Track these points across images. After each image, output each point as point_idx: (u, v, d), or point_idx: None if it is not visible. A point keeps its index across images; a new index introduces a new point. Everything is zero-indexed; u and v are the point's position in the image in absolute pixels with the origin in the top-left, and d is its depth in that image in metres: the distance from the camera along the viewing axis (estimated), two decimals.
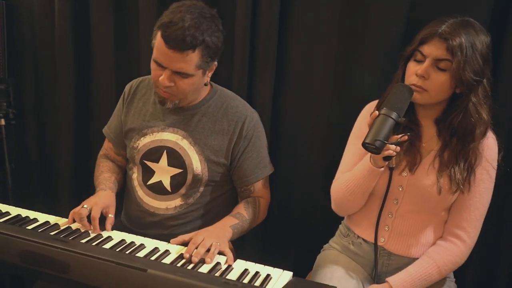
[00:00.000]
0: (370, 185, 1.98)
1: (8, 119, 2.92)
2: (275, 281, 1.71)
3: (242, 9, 2.42)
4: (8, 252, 1.77)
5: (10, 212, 2.08)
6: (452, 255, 1.97)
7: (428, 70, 1.83)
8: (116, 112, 2.44)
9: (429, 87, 1.85)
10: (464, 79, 1.78)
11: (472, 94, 1.83)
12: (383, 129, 1.73)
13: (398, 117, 1.75)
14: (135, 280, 1.61)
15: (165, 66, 2.02)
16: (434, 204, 1.97)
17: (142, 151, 2.28)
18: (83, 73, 2.95)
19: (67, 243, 1.76)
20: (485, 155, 1.92)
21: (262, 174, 2.31)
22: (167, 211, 2.29)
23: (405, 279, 1.95)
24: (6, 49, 2.91)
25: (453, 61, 1.77)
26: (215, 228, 2.08)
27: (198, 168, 2.21)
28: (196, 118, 2.23)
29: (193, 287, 1.54)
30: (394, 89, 1.84)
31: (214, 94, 2.28)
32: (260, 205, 2.31)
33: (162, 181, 2.27)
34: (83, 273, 1.68)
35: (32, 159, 3.26)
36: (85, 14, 2.85)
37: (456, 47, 1.76)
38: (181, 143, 2.22)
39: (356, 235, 2.14)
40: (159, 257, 1.84)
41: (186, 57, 1.98)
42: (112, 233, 2.02)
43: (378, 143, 1.71)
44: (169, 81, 2.03)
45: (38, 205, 2.71)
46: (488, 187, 1.95)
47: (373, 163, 1.90)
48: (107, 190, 2.23)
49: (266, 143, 2.34)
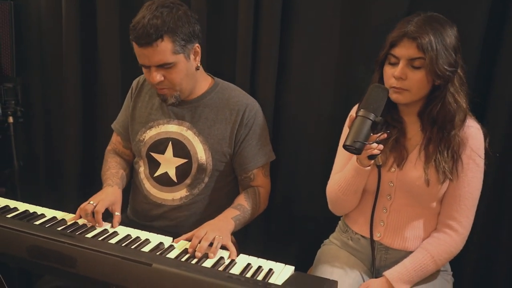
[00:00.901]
0: (360, 184, 1.99)
1: (16, 117, 2.93)
2: (277, 275, 1.71)
3: (245, 7, 2.43)
4: (16, 246, 1.77)
5: (18, 208, 2.09)
6: (446, 245, 1.97)
7: (404, 70, 1.84)
8: (124, 107, 2.46)
9: (408, 86, 1.86)
10: (440, 72, 1.80)
11: (449, 84, 1.85)
12: (362, 130, 1.75)
13: (375, 117, 1.77)
14: (140, 274, 1.60)
15: (147, 65, 2.08)
16: (425, 196, 1.97)
17: (148, 144, 2.30)
18: (89, 72, 2.96)
19: (74, 238, 1.75)
20: (470, 144, 1.92)
21: (261, 161, 2.31)
22: (173, 202, 2.30)
23: (401, 271, 1.96)
24: (14, 49, 2.91)
25: (425, 57, 1.79)
26: (218, 221, 2.08)
27: (203, 157, 2.24)
28: (199, 109, 2.26)
29: (197, 281, 1.54)
30: (369, 91, 1.85)
31: (216, 87, 2.31)
32: (260, 195, 2.31)
33: (168, 172, 2.29)
34: (89, 268, 1.67)
35: (39, 156, 3.26)
36: (92, 14, 2.85)
37: (425, 44, 1.78)
38: (186, 134, 2.25)
39: (354, 231, 2.15)
40: (164, 252, 1.84)
41: (157, 48, 2.02)
42: (118, 228, 2.03)
43: (357, 144, 1.74)
44: (158, 77, 2.08)
45: (45, 201, 2.71)
46: (476, 176, 1.95)
47: (359, 163, 1.92)
48: (114, 186, 2.22)
49: (267, 132, 2.35)
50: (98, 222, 2.01)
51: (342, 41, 2.37)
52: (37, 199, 2.31)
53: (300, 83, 2.49)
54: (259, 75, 2.51)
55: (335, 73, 2.41)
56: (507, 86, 2.15)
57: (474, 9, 2.13)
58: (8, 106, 2.90)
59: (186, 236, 1.95)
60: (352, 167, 1.96)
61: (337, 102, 2.43)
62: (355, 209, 2.13)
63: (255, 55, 2.49)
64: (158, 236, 1.96)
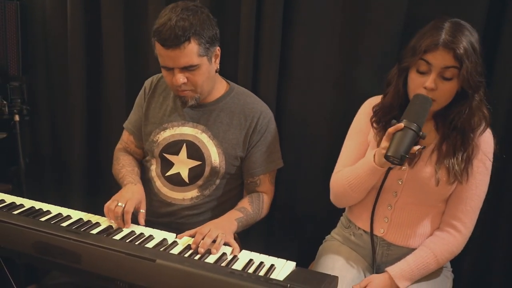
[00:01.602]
0: (372, 182, 1.98)
1: (22, 115, 2.92)
2: (279, 271, 1.71)
3: (247, 8, 2.42)
4: (22, 243, 1.77)
5: (24, 205, 2.09)
6: (448, 244, 1.97)
7: (435, 81, 1.79)
8: (136, 107, 2.45)
9: (438, 97, 1.82)
10: (472, 83, 1.77)
11: (477, 94, 1.82)
12: (405, 142, 1.72)
13: (419, 129, 1.74)
14: (144, 270, 1.61)
15: (171, 67, 2.07)
16: (432, 196, 1.97)
17: (162, 145, 2.29)
18: (94, 71, 2.95)
19: (79, 234, 1.76)
20: (482, 148, 1.92)
21: (268, 168, 2.31)
22: (184, 201, 2.30)
23: (403, 268, 1.96)
24: (20, 48, 2.91)
25: (460, 67, 1.75)
26: (221, 220, 2.08)
27: (216, 160, 2.23)
28: (215, 113, 2.26)
29: (200, 276, 1.54)
30: (414, 100, 1.82)
31: (232, 92, 2.31)
32: (264, 201, 2.31)
33: (180, 172, 2.28)
34: (94, 263, 1.68)
35: (45, 153, 3.26)
36: (96, 14, 2.85)
37: (463, 55, 1.73)
38: (200, 137, 2.24)
39: (357, 226, 2.15)
40: (167, 248, 1.84)
41: (184, 50, 2.01)
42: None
43: (401, 157, 1.71)
44: (182, 79, 2.07)
45: (51, 197, 2.71)
46: (484, 179, 1.95)
47: (378, 163, 1.87)
48: (137, 184, 2.21)
49: (278, 140, 2.36)
50: (127, 222, 1.99)
51: (342, 41, 2.37)
52: (42, 196, 2.31)
53: (301, 82, 2.49)
54: (261, 74, 2.50)
55: (336, 72, 2.41)
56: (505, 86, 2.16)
57: (473, 8, 2.12)
58: (14, 105, 2.89)
59: (190, 232, 1.95)
60: (368, 166, 1.92)
61: (338, 100, 2.42)
62: (359, 204, 2.12)
63: (257, 54, 2.49)
64: (161, 232, 1.96)
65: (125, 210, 1.99)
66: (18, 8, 2.85)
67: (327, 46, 2.39)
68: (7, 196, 2.15)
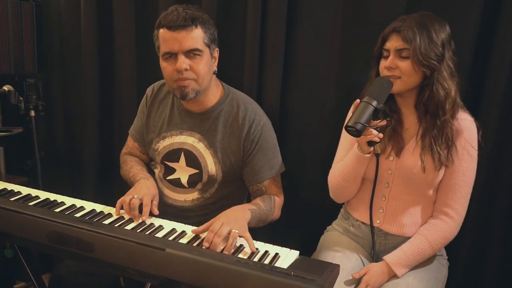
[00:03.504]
0: (360, 170, 2.01)
1: (37, 111, 2.93)
2: (283, 260, 1.71)
3: (253, 10, 2.43)
4: (37, 232, 1.77)
5: (39, 196, 2.08)
6: (442, 231, 1.99)
7: (393, 61, 1.91)
8: (139, 114, 2.41)
9: (399, 74, 1.91)
10: (425, 62, 1.85)
11: (436, 72, 1.88)
12: (364, 114, 1.78)
13: (377, 104, 1.80)
14: (154, 259, 1.60)
15: (176, 51, 2.01)
16: (422, 184, 1.98)
17: (162, 153, 2.27)
18: (106, 68, 2.96)
19: (92, 225, 1.75)
20: (464, 136, 1.93)
21: (269, 174, 2.24)
22: (185, 203, 2.28)
23: (400, 256, 1.98)
24: (36, 46, 2.92)
25: (410, 48, 1.84)
26: (234, 210, 2.00)
27: (213, 169, 2.20)
28: (210, 121, 2.20)
29: (208, 265, 1.54)
30: (375, 81, 1.91)
31: (226, 98, 2.23)
32: (275, 201, 2.24)
33: (180, 178, 2.26)
34: (106, 252, 1.67)
35: (59, 147, 3.28)
36: (109, 14, 2.86)
37: (409, 35, 1.85)
38: (197, 146, 2.21)
39: (355, 218, 2.16)
40: (177, 237, 1.84)
41: (191, 33, 1.99)
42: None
43: (359, 125, 1.76)
44: (185, 65, 2.00)
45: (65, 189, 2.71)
46: (470, 166, 1.96)
47: (360, 150, 1.94)
48: (149, 179, 2.18)
49: (276, 145, 2.29)
50: (145, 215, 1.95)
51: (343, 43, 2.38)
52: (57, 187, 2.30)
53: (304, 82, 2.50)
54: (266, 74, 2.51)
55: (337, 72, 2.42)
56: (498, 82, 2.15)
57: (469, 7, 2.13)
58: (30, 101, 2.90)
59: (202, 228, 1.87)
60: (353, 154, 1.98)
61: (339, 99, 2.42)
62: (356, 197, 2.14)
63: (262, 56, 2.50)
64: (171, 223, 1.96)
65: (144, 204, 1.97)
66: (34, 8, 2.87)
67: (329, 47, 2.41)
68: (23, 188, 2.15)
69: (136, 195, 1.98)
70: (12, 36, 2.79)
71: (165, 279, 1.61)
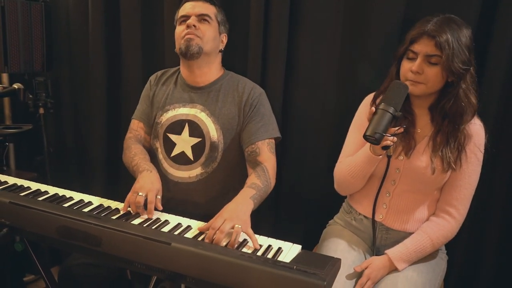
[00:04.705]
0: (370, 170, 1.99)
1: (47, 108, 2.93)
2: (285, 253, 1.70)
3: (256, 10, 2.44)
4: (47, 227, 1.77)
5: (48, 191, 2.08)
6: (443, 229, 1.98)
7: (421, 66, 1.85)
8: (142, 99, 2.46)
9: (424, 80, 1.86)
10: (454, 70, 1.80)
11: (462, 81, 1.85)
12: (382, 122, 1.75)
13: (395, 111, 1.77)
14: (160, 253, 1.60)
15: (190, 14, 2.23)
16: (428, 184, 1.97)
17: (165, 125, 2.31)
18: (113, 67, 2.97)
19: (100, 219, 1.75)
20: (474, 140, 1.92)
21: (264, 136, 2.25)
22: (190, 179, 2.30)
23: (402, 251, 1.98)
24: (45, 45, 2.92)
25: (442, 55, 1.79)
26: (236, 205, 1.95)
27: (215, 136, 2.24)
28: (212, 94, 2.29)
29: (212, 259, 1.54)
30: (391, 86, 1.85)
31: (227, 75, 2.37)
32: (268, 171, 2.22)
33: (184, 151, 2.29)
34: (113, 246, 1.67)
35: (68, 143, 3.29)
36: (116, 14, 2.87)
37: (443, 42, 1.78)
38: (200, 116, 2.26)
39: (358, 212, 2.15)
40: (182, 232, 1.83)
41: (205, 4, 2.26)
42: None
43: (377, 135, 1.74)
44: (195, 22, 2.21)
45: (73, 184, 2.71)
46: (475, 169, 1.96)
47: (373, 152, 1.92)
48: (153, 171, 2.16)
49: (271, 114, 2.33)
50: (151, 212, 1.94)
51: (344, 40, 2.37)
52: (66, 183, 2.29)
53: (306, 79, 2.50)
54: (269, 72, 2.52)
55: (338, 69, 2.41)
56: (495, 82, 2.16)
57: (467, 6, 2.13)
58: (40, 98, 2.90)
59: (207, 225, 1.84)
60: (365, 154, 1.96)
61: (340, 95, 2.43)
62: (360, 191, 2.13)
63: (265, 54, 2.51)
64: (176, 218, 1.95)
65: (148, 201, 1.95)
66: (43, 8, 2.89)
67: (330, 45, 2.40)
68: (33, 184, 2.14)
69: (141, 193, 1.98)
70: (22, 35, 2.79)
71: (171, 273, 1.61)
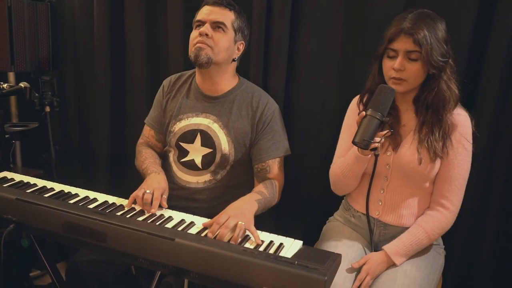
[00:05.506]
0: (360, 169, 2.01)
1: (52, 107, 2.92)
2: (287, 249, 1.70)
3: (258, 10, 2.44)
4: (53, 223, 1.77)
5: (54, 188, 2.08)
6: (439, 221, 1.99)
7: (402, 63, 1.87)
8: (155, 104, 2.44)
9: (406, 76, 1.89)
10: (434, 63, 1.84)
11: (443, 73, 1.88)
12: (369, 129, 1.78)
13: (382, 116, 1.79)
14: (164, 248, 1.61)
15: (205, 20, 2.16)
16: (418, 176, 1.98)
17: (177, 134, 2.29)
18: (118, 66, 2.96)
19: (105, 215, 1.76)
20: (459, 130, 1.94)
21: (275, 154, 2.27)
22: (197, 184, 2.29)
23: (398, 246, 1.98)
24: (51, 45, 2.93)
25: (421, 51, 1.82)
26: (242, 203, 2.00)
27: (226, 148, 2.23)
28: (226, 105, 2.26)
29: (215, 254, 1.54)
30: (378, 91, 1.86)
31: (242, 85, 2.32)
32: (276, 187, 2.27)
33: (194, 159, 2.28)
34: (118, 242, 1.68)
35: (73, 141, 3.29)
36: (120, 14, 2.86)
37: (421, 39, 1.81)
38: (212, 126, 2.24)
39: (356, 209, 2.16)
40: (185, 228, 1.83)
41: (223, 11, 2.17)
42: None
43: (365, 142, 1.77)
44: (208, 31, 2.13)
45: (79, 181, 2.71)
46: (465, 159, 1.96)
47: (361, 153, 1.93)
48: (160, 174, 2.18)
49: (284, 131, 2.34)
50: (155, 208, 1.95)
51: (343, 41, 2.37)
52: (71, 180, 2.30)
53: (307, 79, 2.50)
54: (271, 71, 2.52)
55: (338, 68, 2.41)
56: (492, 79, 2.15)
57: (466, 6, 2.13)
58: (46, 97, 2.89)
59: (211, 221, 1.86)
60: (353, 155, 1.97)
61: (340, 94, 2.42)
62: (356, 190, 2.14)
63: (266, 53, 2.50)
64: (180, 214, 1.96)
65: (154, 197, 1.97)
66: (49, 8, 2.89)
67: (331, 45, 2.40)
68: (39, 181, 2.14)
69: (148, 190, 1.99)
70: (28, 35, 2.79)
71: (174, 268, 1.61)
